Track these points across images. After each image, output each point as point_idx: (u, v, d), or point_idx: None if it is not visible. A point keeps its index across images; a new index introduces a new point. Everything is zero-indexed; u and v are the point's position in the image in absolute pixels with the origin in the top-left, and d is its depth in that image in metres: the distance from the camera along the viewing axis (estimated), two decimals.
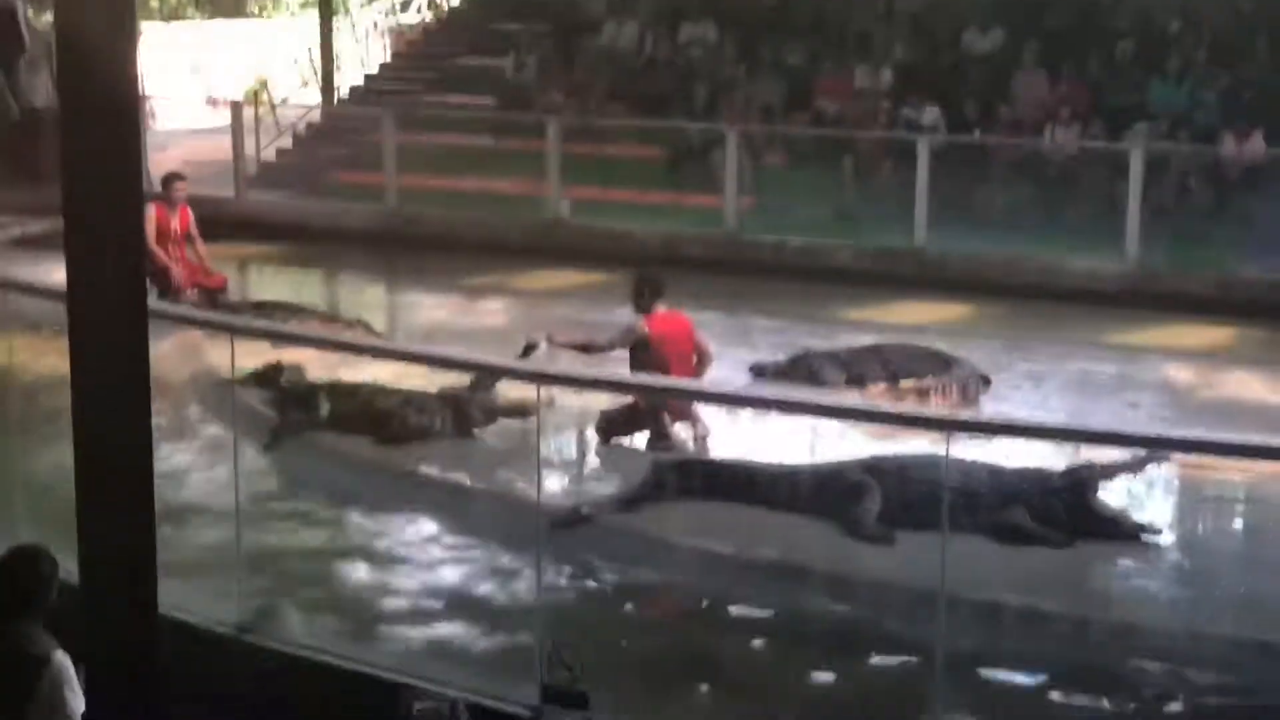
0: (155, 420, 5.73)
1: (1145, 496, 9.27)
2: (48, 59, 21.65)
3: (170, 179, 14.55)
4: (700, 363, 10.44)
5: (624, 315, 10.77)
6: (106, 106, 5.32)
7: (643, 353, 10.18)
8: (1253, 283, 15.38)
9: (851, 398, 10.49)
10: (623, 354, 10.39)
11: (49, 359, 9.94)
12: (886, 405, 9.66)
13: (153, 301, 6.91)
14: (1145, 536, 8.43)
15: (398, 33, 29.32)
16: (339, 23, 27.87)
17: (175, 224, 14.30)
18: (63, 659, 5.47)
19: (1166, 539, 8.61)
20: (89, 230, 5.42)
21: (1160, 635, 7.43)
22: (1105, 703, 7.05)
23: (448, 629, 7.69)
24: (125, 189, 5.44)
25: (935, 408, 10.45)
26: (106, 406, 5.51)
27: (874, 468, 8.74)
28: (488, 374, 9.73)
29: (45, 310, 8.86)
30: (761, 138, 18.94)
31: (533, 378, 7.17)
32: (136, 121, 5.54)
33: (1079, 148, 17.40)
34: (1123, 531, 8.42)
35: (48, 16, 29.78)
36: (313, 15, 31.78)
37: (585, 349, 10.55)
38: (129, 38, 5.43)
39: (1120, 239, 15.93)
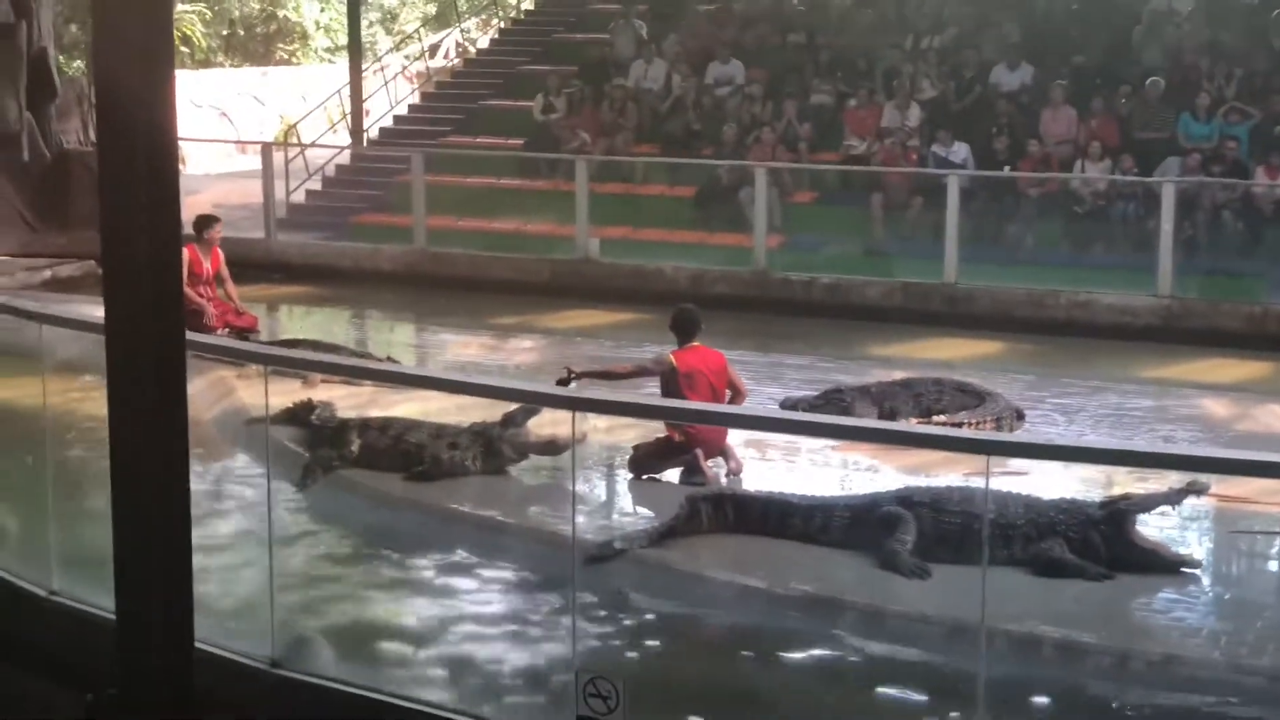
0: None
1: (1184, 529, 9.20)
2: (78, 104, 21.85)
3: (205, 221, 14.62)
4: (734, 400, 10.41)
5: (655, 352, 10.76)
6: (145, 151, 5.36)
7: (671, 385, 10.17)
8: None
9: None
10: (655, 387, 10.40)
11: (77, 396, 10.02)
12: (925, 428, 9.59)
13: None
14: (1185, 569, 8.36)
15: (426, 76, 29.50)
16: (368, 67, 28.03)
17: (208, 265, 14.38)
18: None
19: (1206, 571, 8.54)
20: (128, 269, 5.45)
21: (1202, 668, 7.33)
22: None
23: (482, 663, 7.64)
24: (164, 229, 5.47)
25: None
26: (144, 441, 5.52)
27: (908, 499, 8.68)
28: (523, 405, 9.71)
29: (75, 350, 8.93)
30: (790, 175, 18.96)
31: (569, 403, 7.13)
32: (175, 164, 5.56)
33: (1109, 183, 17.36)
34: (1162, 564, 8.34)
35: (77, 63, 30.13)
36: (342, 61, 32.07)
37: (606, 376, 10.68)
38: (167, 84, 5.47)
39: (1152, 274, 15.87)
